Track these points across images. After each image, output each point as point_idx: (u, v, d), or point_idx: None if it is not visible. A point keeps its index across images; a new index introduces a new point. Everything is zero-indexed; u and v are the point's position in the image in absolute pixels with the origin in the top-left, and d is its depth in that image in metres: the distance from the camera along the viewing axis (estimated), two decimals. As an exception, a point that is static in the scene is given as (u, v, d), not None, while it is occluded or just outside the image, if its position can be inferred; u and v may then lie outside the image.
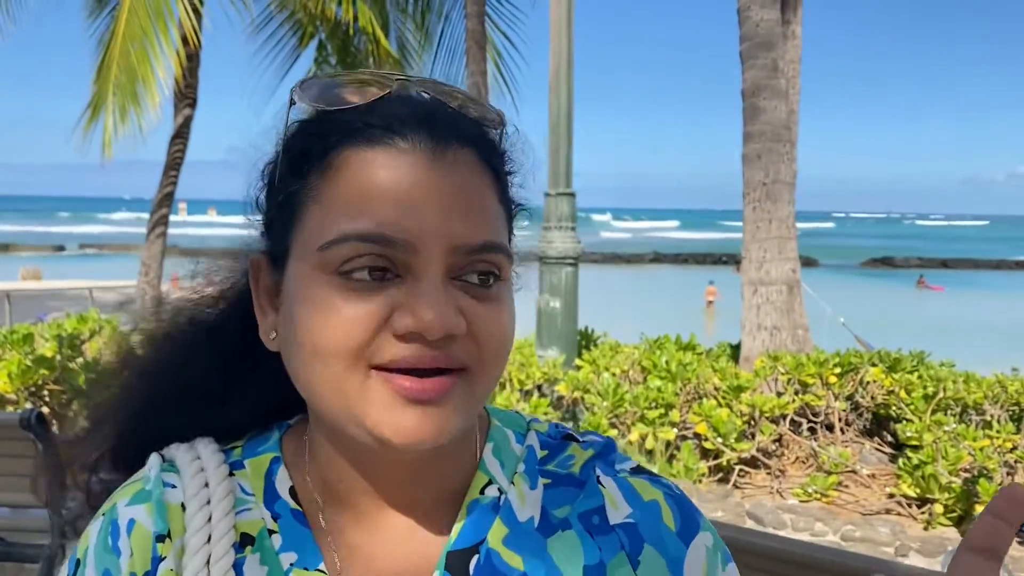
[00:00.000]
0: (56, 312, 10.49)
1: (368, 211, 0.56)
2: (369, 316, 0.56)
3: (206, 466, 0.66)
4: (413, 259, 0.56)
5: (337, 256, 0.56)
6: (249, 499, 0.66)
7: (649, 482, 0.69)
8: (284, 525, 0.65)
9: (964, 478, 4.51)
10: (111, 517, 0.65)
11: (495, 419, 0.71)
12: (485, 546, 0.64)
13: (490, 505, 0.66)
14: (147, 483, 0.66)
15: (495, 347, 0.59)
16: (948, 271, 44.62)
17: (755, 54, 6.79)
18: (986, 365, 6.03)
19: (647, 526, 0.66)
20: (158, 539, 0.63)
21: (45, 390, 5.74)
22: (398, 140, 0.58)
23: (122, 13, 8.18)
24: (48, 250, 49.51)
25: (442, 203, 0.57)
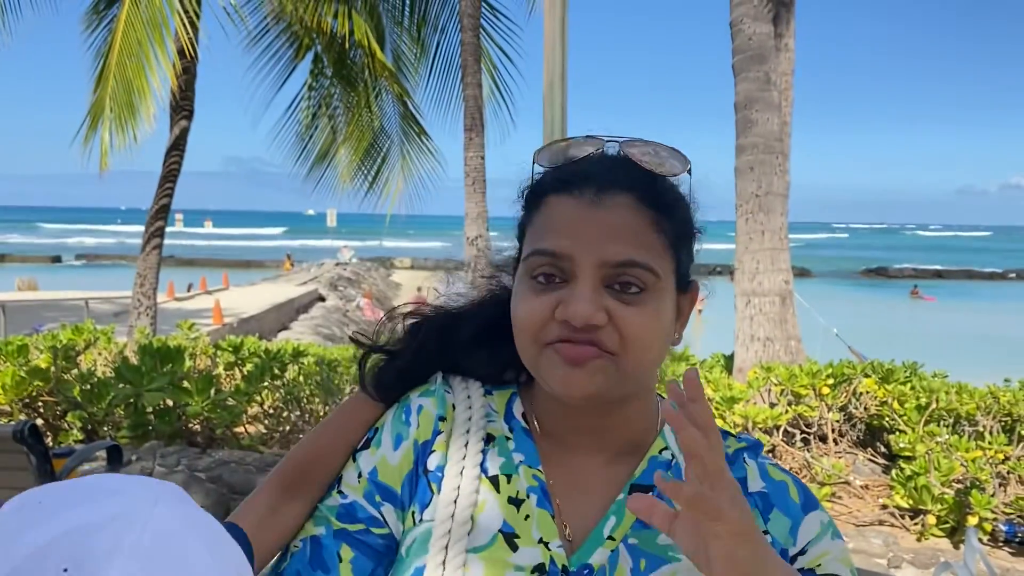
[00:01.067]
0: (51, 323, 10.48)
1: (548, 237, 0.84)
2: (542, 306, 0.82)
3: (470, 387, 0.97)
4: (573, 269, 0.82)
5: (531, 264, 0.85)
6: (495, 414, 0.95)
7: (781, 471, 0.94)
8: (516, 436, 0.93)
9: (957, 489, 4.52)
10: (406, 403, 0.96)
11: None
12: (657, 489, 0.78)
13: (665, 463, 0.91)
14: (433, 387, 0.97)
15: (632, 337, 0.81)
16: (942, 282, 44.76)
17: (748, 67, 6.84)
18: (979, 376, 6.06)
19: (776, 496, 0.90)
20: (440, 419, 0.94)
21: (39, 402, 5.73)
22: (574, 189, 0.85)
23: (119, 26, 8.19)
24: (44, 261, 49.36)
25: (596, 232, 0.82)
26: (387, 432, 0.94)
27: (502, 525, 0.87)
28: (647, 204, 0.84)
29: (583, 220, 0.82)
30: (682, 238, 0.89)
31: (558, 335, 0.81)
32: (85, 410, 5.57)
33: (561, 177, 0.87)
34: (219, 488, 4.85)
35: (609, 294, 0.81)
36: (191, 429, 5.66)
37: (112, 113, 8.13)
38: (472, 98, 8.21)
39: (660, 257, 0.84)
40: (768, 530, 0.88)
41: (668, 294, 0.86)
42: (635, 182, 0.85)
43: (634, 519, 0.87)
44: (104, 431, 5.64)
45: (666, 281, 0.85)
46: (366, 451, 0.94)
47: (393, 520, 0.91)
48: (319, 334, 18.05)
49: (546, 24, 6.95)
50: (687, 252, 0.91)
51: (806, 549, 0.88)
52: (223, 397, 5.50)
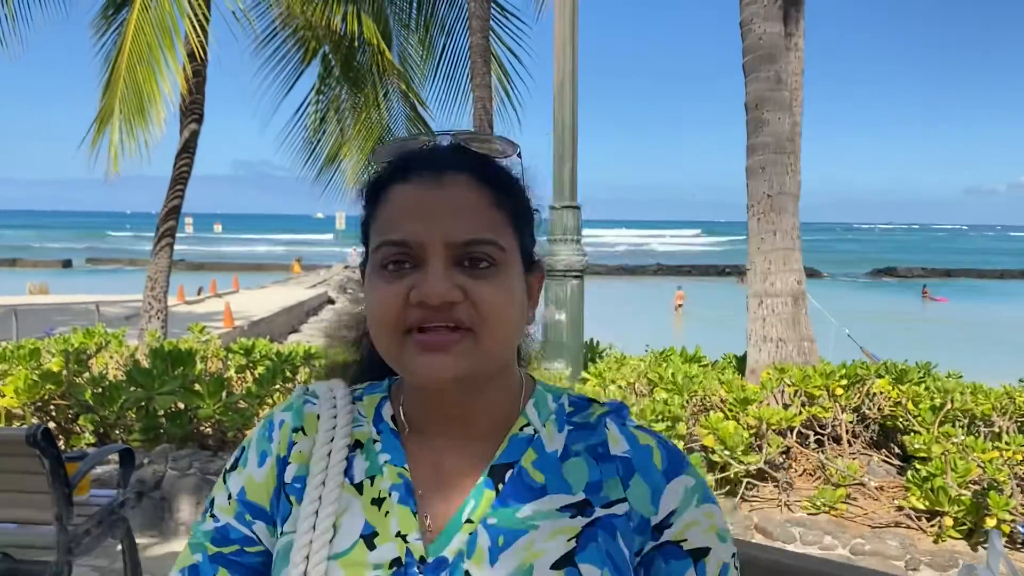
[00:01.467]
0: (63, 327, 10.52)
1: (394, 226, 0.85)
2: (397, 294, 0.83)
3: (337, 394, 0.98)
4: (422, 254, 0.82)
5: (379, 256, 0.85)
6: (363, 419, 0.97)
7: (648, 434, 0.94)
8: (384, 438, 0.94)
9: (974, 491, 4.48)
10: (270, 419, 0.98)
11: (540, 386, 0.98)
12: (518, 464, 0.90)
13: (526, 439, 0.92)
14: (298, 400, 0.99)
15: (489, 311, 0.82)
16: (952, 280, 44.51)
17: (758, 67, 6.80)
18: (994, 376, 6.00)
19: (639, 461, 0.90)
20: (294, 431, 0.95)
21: (51, 405, 5.74)
22: (412, 176, 0.87)
23: (128, 29, 8.22)
24: (55, 265, 49.61)
25: (438, 214, 0.83)
26: (252, 450, 0.96)
27: (363, 528, 0.88)
28: (484, 182, 0.87)
29: (426, 202, 0.84)
30: (522, 216, 0.91)
31: (417, 320, 0.82)
32: (97, 413, 5.57)
33: (400, 167, 0.89)
34: (231, 491, 4.84)
35: (460, 272, 0.83)
36: (203, 432, 5.66)
37: (122, 116, 8.14)
38: (481, 100, 8.20)
39: (503, 233, 0.86)
40: (627, 498, 0.88)
41: (516, 270, 0.88)
42: (471, 163, 0.88)
43: (493, 498, 0.87)
44: (116, 434, 5.65)
45: (512, 256, 0.87)
46: (234, 472, 0.96)
47: (267, 537, 0.93)
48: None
49: (556, 25, 6.96)
50: (529, 231, 0.93)
51: (671, 521, 0.88)
52: (234, 400, 5.49)
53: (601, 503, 0.87)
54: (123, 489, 3.92)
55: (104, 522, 3.67)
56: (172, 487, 4.89)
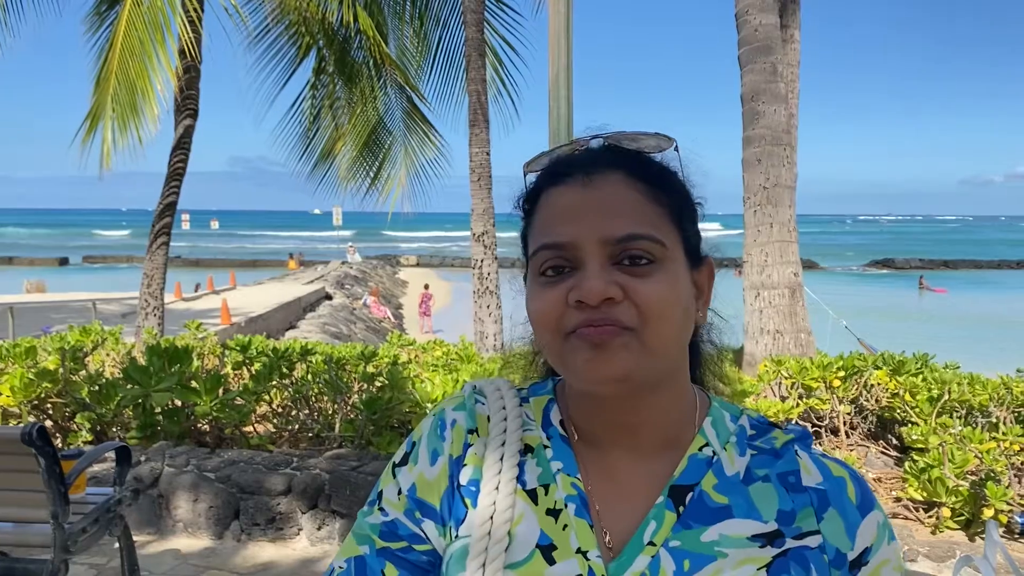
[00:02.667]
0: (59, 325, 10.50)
1: (548, 230, 0.84)
2: (556, 297, 0.81)
3: (504, 395, 0.95)
4: (579, 255, 0.81)
5: (538, 261, 0.84)
6: (531, 423, 0.94)
7: (839, 465, 0.89)
8: (554, 444, 0.91)
9: (971, 481, 4.48)
10: (441, 416, 0.95)
11: (715, 402, 0.94)
12: (699, 487, 0.86)
13: (705, 461, 0.88)
14: (467, 398, 0.96)
15: (651, 308, 0.79)
16: (949, 271, 44.57)
17: (754, 58, 6.79)
18: (991, 366, 6.01)
19: (834, 494, 0.86)
20: (469, 432, 0.92)
21: (48, 403, 5.73)
22: (565, 179, 0.86)
23: (120, 26, 8.18)
24: (51, 263, 49.55)
25: (591, 213, 0.82)
26: (423, 447, 0.94)
27: (539, 538, 0.86)
28: (638, 178, 0.85)
29: (577, 204, 0.83)
30: (684, 210, 0.89)
31: (577, 321, 0.80)
32: (94, 411, 5.56)
33: (550, 172, 0.89)
34: (228, 488, 4.84)
35: (619, 270, 0.81)
36: (200, 429, 5.65)
37: (114, 113, 8.12)
38: (476, 93, 8.18)
39: (663, 229, 0.84)
40: (821, 530, 0.84)
41: (680, 266, 0.85)
42: (623, 160, 0.86)
43: (674, 520, 0.84)
44: (113, 432, 5.64)
45: (674, 252, 0.84)
46: (404, 467, 0.94)
47: (435, 536, 0.91)
48: (327, 332, 18.06)
49: (551, 20, 6.93)
50: (692, 226, 0.90)
51: (868, 558, 0.85)
52: (231, 397, 5.48)
53: (793, 534, 0.84)
54: (120, 487, 3.91)
55: (101, 520, 3.66)
56: (169, 484, 4.89)
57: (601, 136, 0.89)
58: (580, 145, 0.89)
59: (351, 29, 9.76)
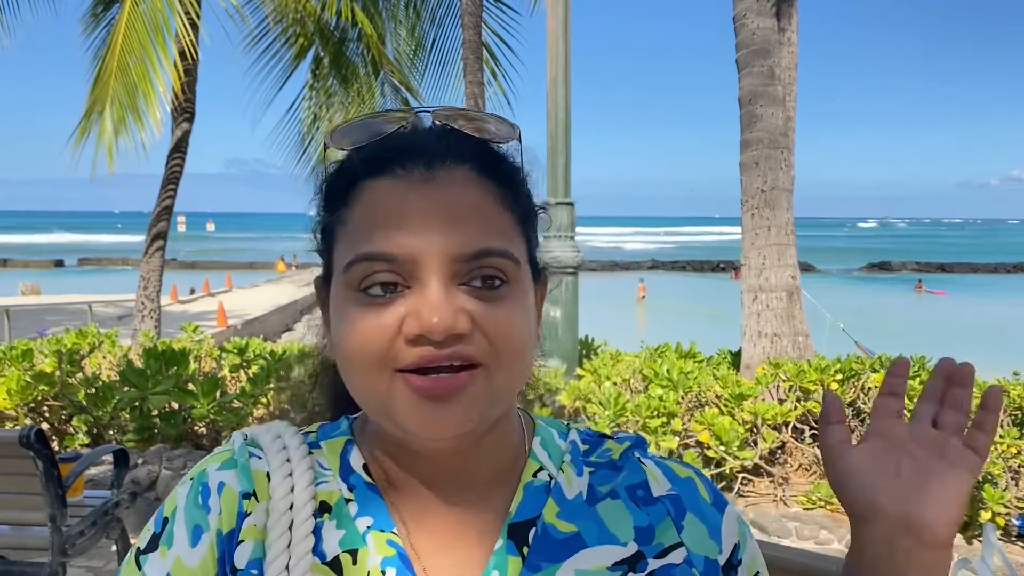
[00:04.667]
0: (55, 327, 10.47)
1: (374, 234, 0.65)
2: (384, 325, 0.64)
3: (288, 443, 0.75)
4: (417, 271, 0.64)
5: (356, 274, 0.65)
6: (327, 473, 0.74)
7: (682, 465, 0.81)
8: (359, 495, 0.73)
9: (968, 484, 4.49)
10: (201, 480, 0.72)
11: (539, 421, 0.82)
12: (541, 520, 0.73)
13: (543, 487, 0.75)
14: (234, 453, 0.74)
15: (504, 342, 0.65)
16: (946, 275, 44.69)
17: (751, 61, 6.81)
18: (988, 370, 6.01)
19: (688, 497, 0.77)
20: (244, 496, 0.70)
21: (45, 406, 5.72)
22: (396, 168, 0.67)
23: (120, 27, 8.18)
24: (47, 265, 49.44)
25: (436, 219, 0.64)
26: (180, 524, 0.70)
27: None
28: (489, 176, 0.69)
29: (417, 204, 0.65)
30: (529, 217, 0.74)
31: (414, 360, 0.63)
32: (90, 414, 5.55)
33: (374, 156, 0.69)
34: (226, 491, 4.83)
35: (467, 292, 0.65)
36: (197, 432, 5.65)
37: (113, 115, 8.11)
38: (473, 95, 8.18)
39: (515, 241, 0.69)
40: (683, 541, 0.74)
41: (529, 285, 0.71)
42: (468, 151, 0.69)
43: (520, 566, 0.70)
44: (110, 435, 5.63)
45: (525, 269, 0.70)
46: (154, 553, 0.70)
47: None
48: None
49: (548, 22, 6.94)
50: (535, 233, 0.76)
51: (738, 557, 0.77)
52: (229, 399, 5.48)
53: (654, 552, 0.73)
54: (117, 490, 3.91)
55: (98, 523, 3.65)
56: (166, 487, 4.88)
57: (430, 110, 0.71)
58: (406, 119, 0.71)
59: (348, 29, 9.76)
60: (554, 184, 6.72)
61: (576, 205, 6.76)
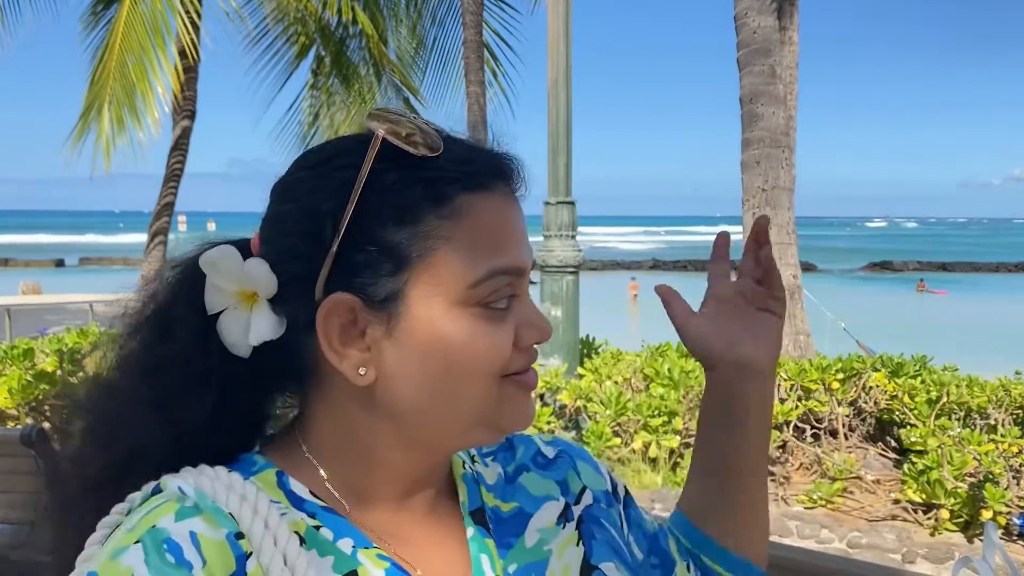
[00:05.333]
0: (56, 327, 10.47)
1: (505, 249, 0.68)
2: (508, 335, 0.68)
3: (230, 483, 0.65)
4: (524, 283, 0.71)
5: (486, 289, 0.66)
6: (279, 506, 0.67)
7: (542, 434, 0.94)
8: (325, 520, 0.69)
9: (970, 483, 4.49)
10: (159, 537, 0.59)
11: None
12: (486, 505, 0.79)
13: (473, 479, 0.80)
14: (184, 500, 0.63)
15: None
16: (947, 274, 44.66)
17: (753, 60, 6.81)
18: (989, 369, 6.02)
19: (569, 448, 0.90)
20: (237, 536, 0.61)
21: (46, 405, 5.72)
22: (494, 185, 0.69)
23: (118, 25, 8.18)
24: (48, 264, 49.47)
25: (525, 236, 0.72)
26: None
27: None
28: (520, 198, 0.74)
29: (518, 224, 0.71)
30: None
31: (525, 363, 0.70)
32: (92, 413, 5.56)
33: (472, 171, 0.68)
34: (227, 490, 4.83)
35: None
36: (198, 431, 5.65)
37: (111, 115, 8.11)
38: (475, 95, 8.18)
39: None
40: (585, 484, 0.87)
41: None
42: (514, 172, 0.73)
43: (495, 546, 0.76)
44: (111, 434, 5.63)
45: None
46: None
47: None
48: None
49: (550, 21, 6.94)
50: None
51: (613, 482, 0.91)
52: (230, 398, 5.48)
53: (574, 500, 0.84)
54: (118, 489, 3.90)
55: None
56: (168, 486, 4.88)
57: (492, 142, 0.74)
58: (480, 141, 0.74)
59: (349, 29, 9.77)
60: (555, 183, 6.72)
61: (577, 204, 6.75)
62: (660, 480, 5.13)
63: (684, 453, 5.22)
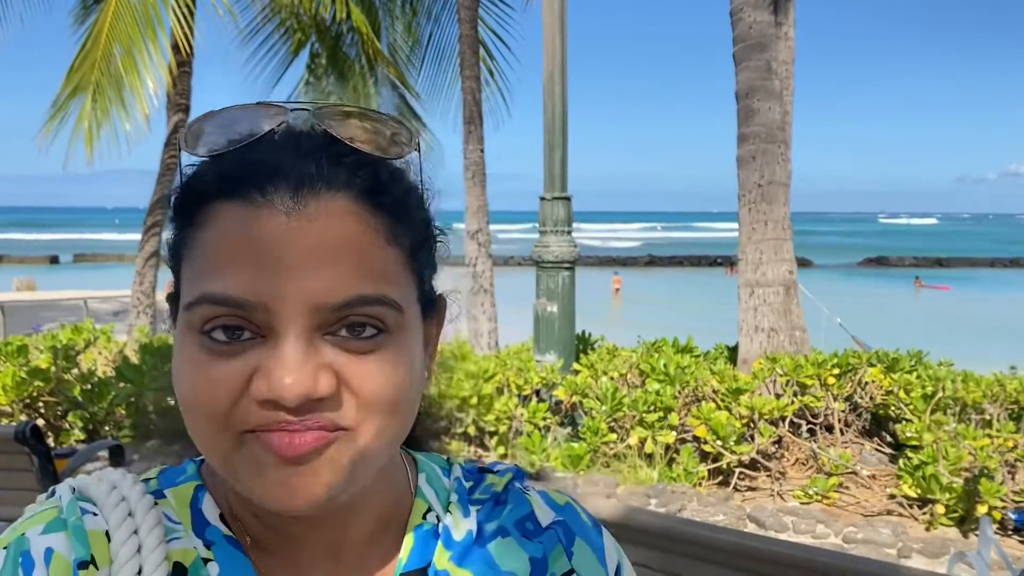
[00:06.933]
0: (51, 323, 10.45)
1: (221, 272, 0.54)
2: (229, 379, 0.54)
3: (127, 495, 0.61)
4: (271, 320, 0.53)
5: (197, 315, 0.55)
6: (177, 528, 0.62)
7: (556, 492, 0.77)
8: (219, 553, 0.61)
9: (965, 478, 4.50)
10: (20, 548, 0.57)
11: (419, 456, 0.74)
12: (432, 567, 0.66)
13: (431, 531, 0.67)
14: (61, 512, 0.60)
15: (376, 402, 0.55)
16: (943, 270, 44.77)
17: (748, 56, 6.80)
18: (984, 364, 6.03)
19: (573, 522, 0.74)
20: (80, 566, 0.57)
21: (40, 402, 5.70)
22: (255, 194, 0.55)
23: (106, 15, 8.12)
24: (42, 261, 49.34)
25: (299, 261, 0.53)
26: None
27: None
28: (373, 206, 0.57)
29: (276, 241, 0.54)
30: (422, 246, 0.63)
31: (260, 421, 0.54)
32: (86, 410, 5.54)
33: (229, 173, 0.56)
34: (222, 486, 4.83)
35: (332, 346, 0.55)
36: (193, 427, 5.64)
37: (95, 104, 8.07)
38: (470, 90, 8.17)
39: (398, 282, 0.58)
40: (574, 568, 0.71)
41: (415, 328, 0.61)
42: (350, 174, 0.57)
43: None
44: (105, 431, 5.62)
45: (410, 312, 0.59)
46: None
47: None
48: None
49: (545, 16, 6.92)
50: (430, 263, 0.65)
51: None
52: (225, 395, 5.47)
53: None
54: (113, 485, 3.90)
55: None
56: (163, 483, 4.87)
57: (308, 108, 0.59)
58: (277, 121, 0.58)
59: (343, 25, 9.74)
60: (551, 179, 6.71)
61: (572, 200, 6.75)
62: (656, 476, 5.14)
63: (679, 448, 5.23)
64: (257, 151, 0.56)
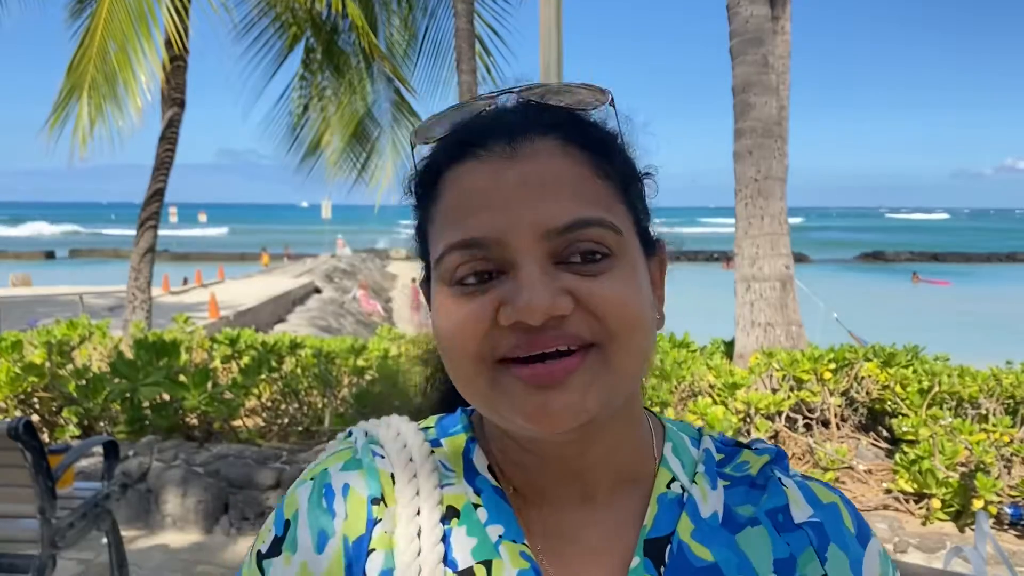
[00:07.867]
0: (46, 319, 10.41)
1: (460, 222, 0.62)
2: (478, 315, 0.60)
3: (409, 442, 0.70)
4: (509, 254, 0.60)
5: (448, 267, 0.62)
6: (450, 474, 0.70)
7: (825, 487, 0.73)
8: (487, 500, 0.68)
9: (961, 472, 4.50)
10: (323, 480, 0.68)
11: (668, 424, 0.77)
12: (676, 537, 0.67)
13: (676, 500, 0.69)
14: (355, 452, 0.70)
15: (617, 317, 0.60)
16: (939, 264, 44.85)
17: (745, 50, 6.78)
18: (981, 358, 6.03)
19: (832, 526, 0.70)
20: (373, 502, 0.66)
21: (35, 398, 5.68)
22: (478, 150, 0.63)
23: (101, 12, 8.08)
24: (38, 256, 49.21)
25: (522, 194, 0.60)
26: (303, 527, 0.65)
27: None
28: (578, 144, 0.64)
29: (502, 183, 0.61)
30: (631, 184, 0.69)
31: (512, 347, 0.59)
32: (81, 405, 5.52)
33: (455, 142, 0.66)
34: (218, 482, 4.81)
35: (566, 271, 0.60)
36: (188, 423, 5.61)
37: (91, 100, 8.03)
38: (467, 85, 8.14)
39: (614, 209, 0.64)
40: (827, 573, 0.68)
41: (638, 256, 0.66)
42: (555, 122, 0.65)
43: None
44: (100, 426, 5.60)
45: (630, 239, 0.65)
46: (277, 558, 0.65)
47: None
48: (316, 326, 18.00)
49: (541, 9, 6.89)
50: (642, 203, 0.70)
51: None
52: (220, 390, 5.45)
53: None
54: (108, 481, 3.88)
55: (88, 515, 3.63)
56: (158, 479, 4.85)
57: (515, 90, 0.67)
58: (487, 104, 0.67)
59: (339, 19, 9.70)
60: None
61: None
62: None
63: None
64: (475, 122, 0.66)
